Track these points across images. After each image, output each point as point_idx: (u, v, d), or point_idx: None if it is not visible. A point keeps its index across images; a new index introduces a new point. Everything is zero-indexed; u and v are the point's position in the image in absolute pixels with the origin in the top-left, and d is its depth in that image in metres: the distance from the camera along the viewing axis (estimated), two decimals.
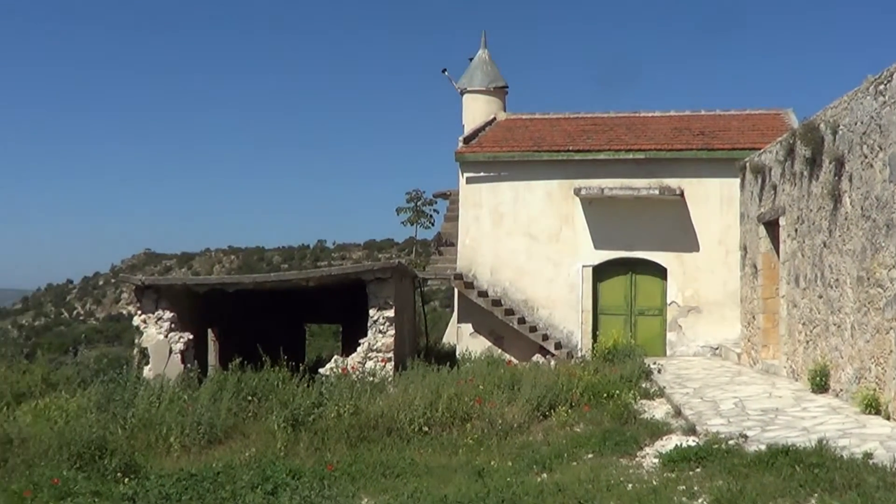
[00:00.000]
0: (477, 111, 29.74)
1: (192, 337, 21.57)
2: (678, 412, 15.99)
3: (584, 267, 26.84)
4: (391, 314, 21.24)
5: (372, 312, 21.27)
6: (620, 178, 26.53)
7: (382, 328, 21.15)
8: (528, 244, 27.18)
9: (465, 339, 27.26)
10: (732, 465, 11.57)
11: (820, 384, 16.95)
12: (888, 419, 14.00)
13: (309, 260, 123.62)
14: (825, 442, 11.91)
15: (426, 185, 78.52)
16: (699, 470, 11.79)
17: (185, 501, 12.37)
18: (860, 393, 14.97)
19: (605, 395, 17.35)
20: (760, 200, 21.96)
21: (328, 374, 19.94)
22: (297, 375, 18.45)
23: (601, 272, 26.92)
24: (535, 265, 27.11)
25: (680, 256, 26.41)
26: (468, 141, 28.12)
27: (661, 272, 26.62)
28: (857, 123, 15.51)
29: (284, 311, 29.21)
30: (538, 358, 25.23)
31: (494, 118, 29.50)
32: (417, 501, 11.65)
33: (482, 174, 27.56)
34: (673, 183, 26.19)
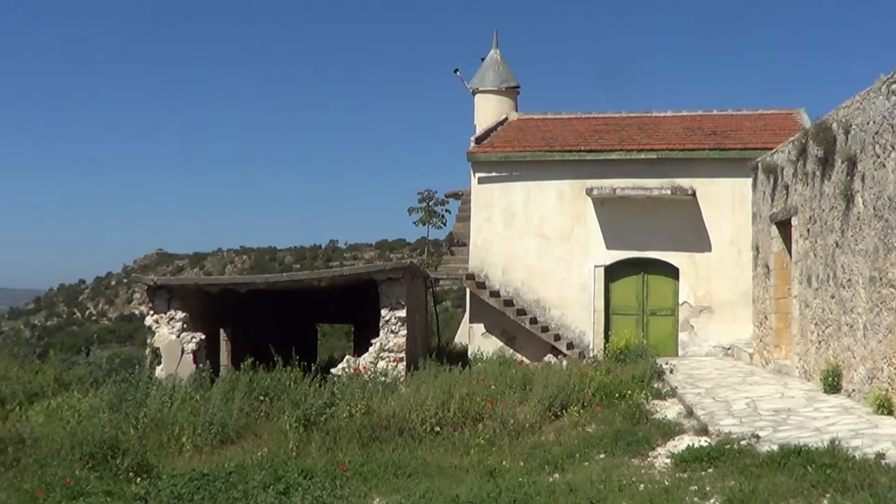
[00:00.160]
0: (489, 111, 29.74)
1: (204, 337, 21.60)
2: (690, 412, 15.96)
3: (596, 267, 26.80)
4: (403, 314, 21.26)
5: (384, 312, 21.28)
6: (632, 177, 26.49)
7: (394, 328, 21.16)
8: (539, 244, 27.16)
9: (476, 339, 27.24)
10: (744, 465, 11.56)
11: (832, 384, 16.91)
12: None
13: (321, 260, 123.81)
14: (837, 442, 11.88)
15: (438, 185, 78.70)
16: (711, 470, 11.78)
17: (197, 501, 12.41)
18: (872, 393, 14.92)
19: (616, 395, 17.33)
20: (773, 200, 21.91)
21: (340, 374, 19.96)
22: (308, 375, 18.46)
23: (613, 272, 26.87)
24: (546, 265, 27.08)
25: (692, 256, 26.35)
26: (480, 141, 28.11)
27: (673, 272, 26.56)
28: (869, 123, 15.46)
29: (296, 311, 29.25)
30: (550, 358, 25.21)
31: (506, 118, 29.48)
32: (429, 501, 11.66)
33: (494, 174, 27.54)
34: (685, 183, 26.14)
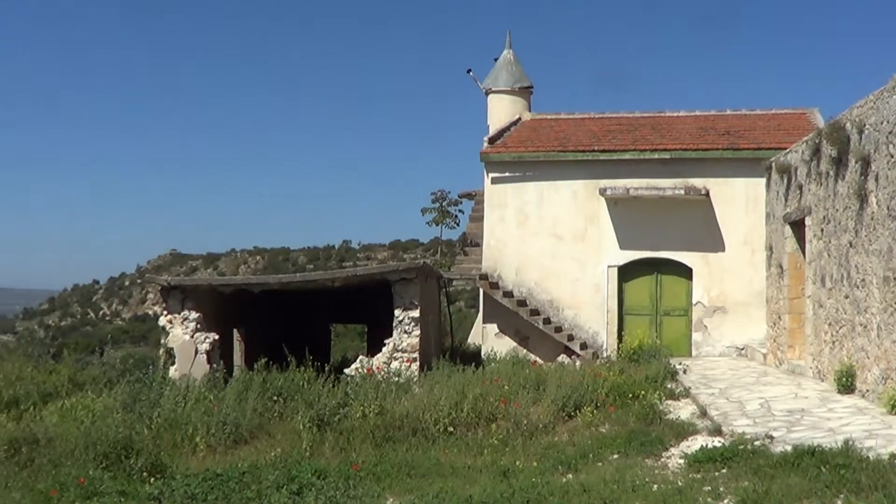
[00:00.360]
0: (502, 111, 29.74)
1: (217, 337, 21.64)
2: (704, 413, 15.94)
3: (609, 267, 26.79)
4: (416, 314, 21.27)
5: (397, 313, 21.30)
6: (646, 177, 26.48)
7: (408, 328, 21.17)
8: (553, 244, 27.15)
9: (490, 339, 27.26)
10: (758, 465, 11.54)
11: (846, 385, 16.86)
12: None
13: (334, 260, 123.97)
14: (851, 443, 11.84)
15: (451, 185, 78.76)
16: (725, 471, 11.75)
17: (210, 501, 12.43)
18: (887, 393, 14.88)
19: (630, 395, 17.31)
20: (786, 200, 21.86)
21: (353, 374, 19.97)
22: (322, 376, 18.47)
23: (626, 272, 26.86)
24: (560, 265, 27.07)
25: (705, 256, 26.32)
26: (493, 141, 28.13)
27: (686, 272, 26.54)
28: (883, 123, 15.41)
29: (310, 311, 29.27)
30: (563, 358, 25.20)
31: (519, 118, 29.49)
32: (442, 502, 11.66)
33: (507, 174, 27.55)
34: (698, 183, 26.12)
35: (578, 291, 26.91)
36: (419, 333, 21.22)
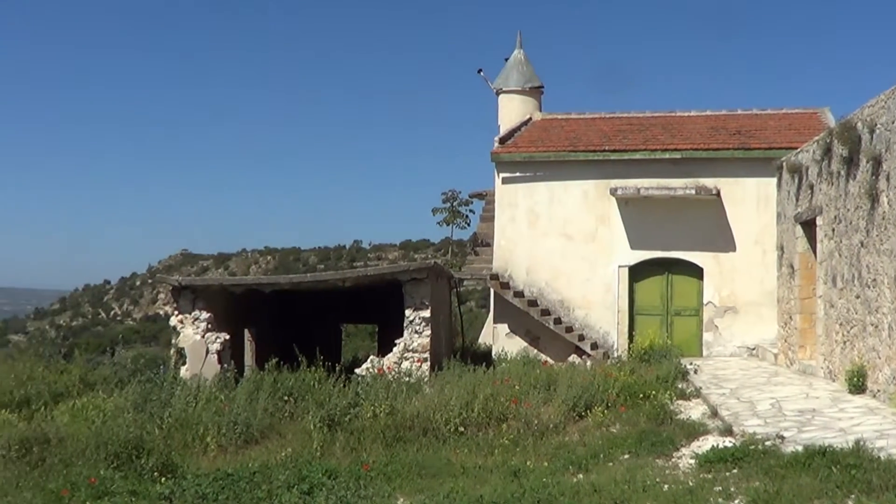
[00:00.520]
0: (513, 111, 29.73)
1: (228, 337, 21.66)
2: (714, 413, 15.92)
3: (620, 267, 26.77)
4: (427, 314, 21.26)
5: (408, 313, 21.30)
6: (657, 177, 26.45)
7: (418, 328, 21.17)
8: (563, 244, 27.13)
9: (500, 339, 27.25)
10: (769, 466, 11.52)
11: (857, 385, 16.82)
12: None
13: (345, 260, 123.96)
14: (862, 443, 11.82)
15: (462, 185, 78.70)
16: (736, 471, 11.74)
17: (221, 501, 12.46)
18: None
19: (641, 395, 17.29)
20: (797, 200, 21.82)
21: (364, 374, 19.97)
22: (333, 376, 18.48)
23: (637, 272, 26.83)
24: (570, 265, 27.05)
25: (716, 256, 26.28)
26: (504, 141, 28.12)
27: (697, 272, 26.50)
28: (894, 122, 15.38)
29: (321, 311, 29.28)
30: (574, 358, 25.18)
31: (530, 118, 29.48)
32: (453, 502, 11.67)
33: (518, 174, 27.54)
34: (709, 183, 26.07)
35: (589, 291, 26.89)
36: (430, 333, 21.21)
